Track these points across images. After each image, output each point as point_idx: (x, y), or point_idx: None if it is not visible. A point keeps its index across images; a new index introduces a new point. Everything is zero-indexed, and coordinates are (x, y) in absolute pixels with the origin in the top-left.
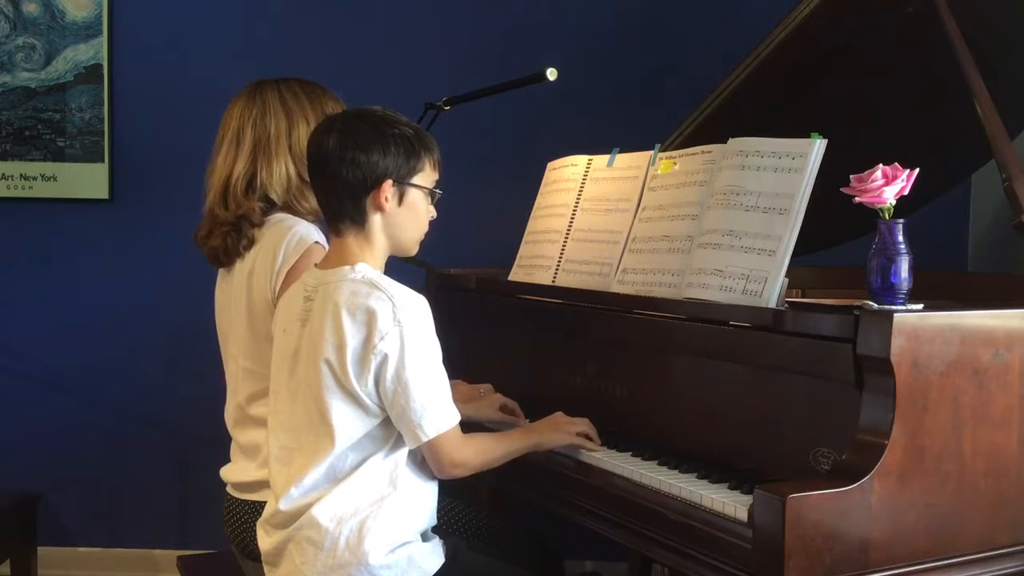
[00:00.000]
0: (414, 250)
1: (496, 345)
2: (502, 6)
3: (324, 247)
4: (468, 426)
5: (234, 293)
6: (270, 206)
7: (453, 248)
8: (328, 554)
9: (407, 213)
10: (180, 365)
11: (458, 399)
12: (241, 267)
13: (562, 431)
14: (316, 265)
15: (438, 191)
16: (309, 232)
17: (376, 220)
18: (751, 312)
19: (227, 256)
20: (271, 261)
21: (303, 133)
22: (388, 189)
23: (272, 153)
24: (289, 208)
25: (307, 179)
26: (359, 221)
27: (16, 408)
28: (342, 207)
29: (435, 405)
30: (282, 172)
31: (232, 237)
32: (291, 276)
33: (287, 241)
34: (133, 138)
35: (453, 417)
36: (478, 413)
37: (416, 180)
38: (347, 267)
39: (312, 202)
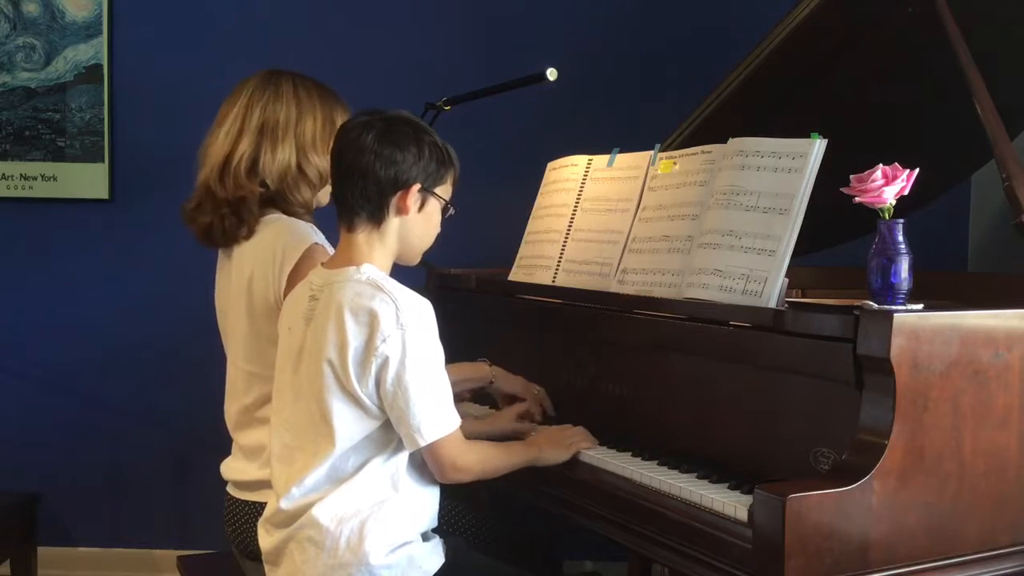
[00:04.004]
0: (416, 260)
1: (496, 345)
2: (502, 6)
3: (323, 247)
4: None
5: (233, 298)
6: (265, 191)
7: (453, 248)
8: (329, 554)
9: (423, 221)
10: (180, 365)
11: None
12: (239, 271)
13: (562, 447)
14: (322, 264)
15: (453, 206)
16: (308, 233)
17: (394, 222)
18: (751, 312)
19: (224, 238)
20: (271, 265)
21: (309, 127)
22: (415, 193)
23: (278, 139)
24: (281, 197)
25: (305, 171)
26: (377, 219)
27: (16, 408)
28: (365, 202)
29: (434, 410)
30: (283, 159)
31: (231, 220)
32: (294, 278)
33: (285, 244)
34: (133, 138)
35: (453, 422)
36: (492, 428)
37: (438, 190)
38: (352, 268)
39: (305, 195)
